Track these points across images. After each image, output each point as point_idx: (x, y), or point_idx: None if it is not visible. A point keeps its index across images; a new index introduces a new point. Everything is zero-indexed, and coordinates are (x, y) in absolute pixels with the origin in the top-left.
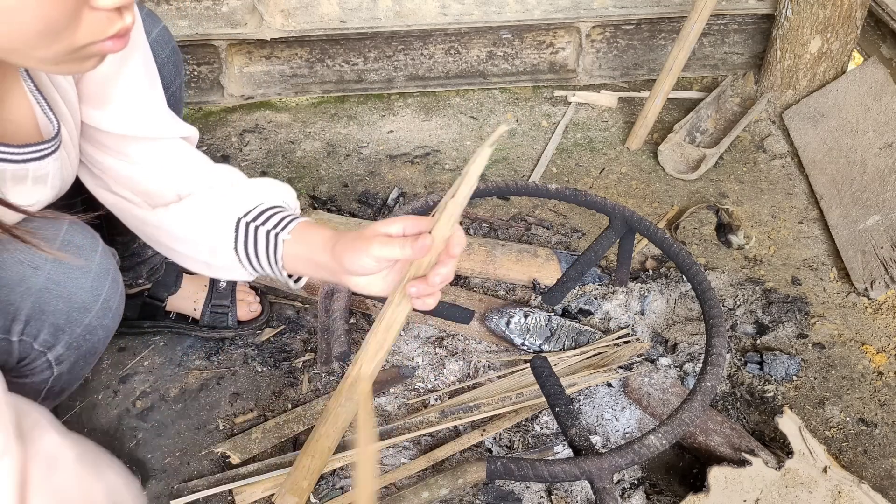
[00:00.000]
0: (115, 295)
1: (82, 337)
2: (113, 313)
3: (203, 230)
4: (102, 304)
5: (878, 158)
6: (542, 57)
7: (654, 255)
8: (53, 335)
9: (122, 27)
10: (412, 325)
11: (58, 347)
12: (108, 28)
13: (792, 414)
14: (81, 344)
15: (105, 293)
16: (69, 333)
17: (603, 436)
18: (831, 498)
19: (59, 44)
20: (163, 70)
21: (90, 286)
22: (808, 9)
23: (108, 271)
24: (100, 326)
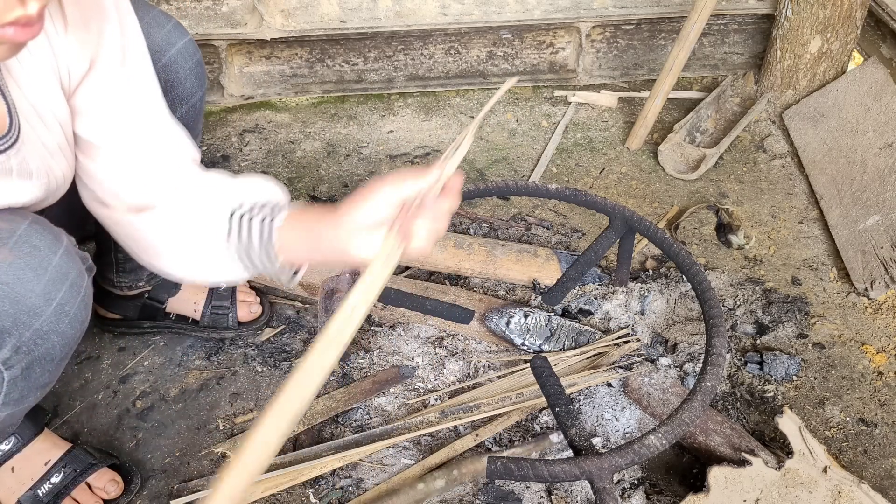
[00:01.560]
0: (74, 300)
1: (32, 342)
2: (70, 319)
3: (194, 226)
4: (56, 308)
5: (878, 158)
6: (542, 57)
7: (654, 255)
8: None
9: (23, 16)
10: (412, 325)
11: (4, 350)
12: (5, 13)
13: (792, 414)
14: (32, 349)
15: (60, 298)
16: (16, 337)
17: (603, 436)
18: (831, 498)
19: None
20: (184, 83)
21: (42, 289)
22: (808, 9)
23: (68, 276)
24: (53, 332)
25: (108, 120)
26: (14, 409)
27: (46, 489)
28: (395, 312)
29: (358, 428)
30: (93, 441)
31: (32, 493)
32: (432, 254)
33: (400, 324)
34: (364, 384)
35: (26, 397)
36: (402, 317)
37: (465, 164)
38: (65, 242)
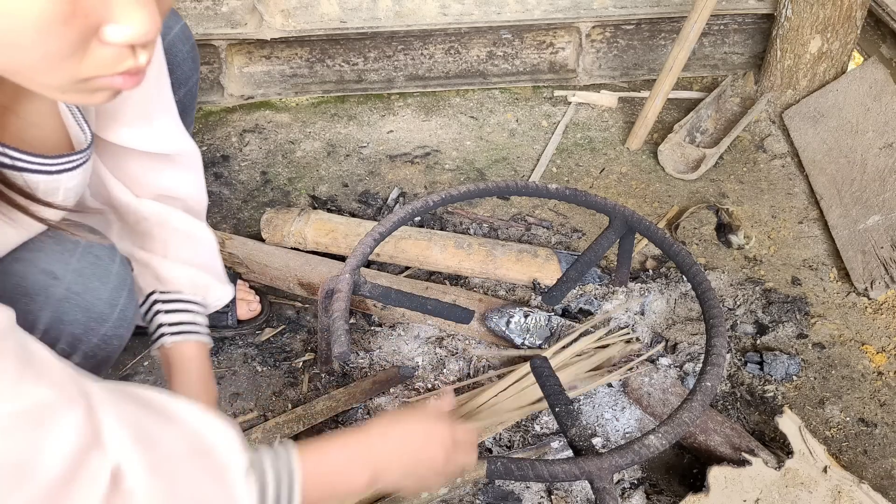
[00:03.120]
0: (132, 305)
1: (98, 346)
2: (129, 323)
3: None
4: (119, 314)
5: (878, 158)
6: (542, 57)
7: (654, 255)
8: (71, 345)
9: (135, 66)
10: (412, 325)
11: (75, 357)
12: (117, 64)
13: (792, 414)
14: (97, 353)
15: (122, 303)
16: (86, 343)
17: (603, 436)
18: (831, 498)
19: (62, 72)
20: (182, 66)
21: (108, 296)
22: (808, 9)
23: (126, 282)
24: (115, 336)
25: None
26: None
27: None
28: (395, 312)
29: None
30: None
31: None
32: (432, 254)
33: (400, 324)
34: (364, 384)
35: None
36: (402, 317)
37: (465, 163)
38: (117, 249)
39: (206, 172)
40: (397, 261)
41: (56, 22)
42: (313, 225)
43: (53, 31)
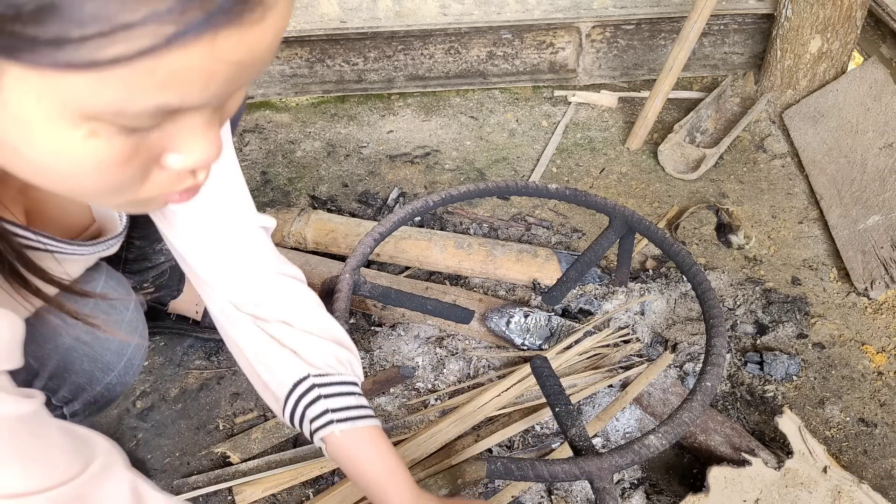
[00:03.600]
0: (140, 353)
1: (101, 394)
2: (134, 370)
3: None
4: (126, 363)
5: (878, 158)
6: (542, 57)
7: (654, 255)
8: (73, 392)
9: (193, 185)
10: (412, 325)
11: (75, 404)
12: (176, 185)
13: (792, 414)
14: (99, 400)
15: (130, 353)
16: (89, 392)
17: (603, 436)
18: (831, 498)
19: (121, 198)
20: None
21: (117, 346)
22: (808, 9)
23: (137, 329)
24: (119, 384)
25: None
26: None
27: None
28: (395, 312)
29: None
30: None
31: None
32: (432, 254)
33: (400, 324)
34: (364, 384)
35: None
36: (402, 317)
37: (465, 163)
38: (133, 296)
39: None
40: (397, 261)
41: (117, 163)
42: (313, 225)
43: (114, 170)
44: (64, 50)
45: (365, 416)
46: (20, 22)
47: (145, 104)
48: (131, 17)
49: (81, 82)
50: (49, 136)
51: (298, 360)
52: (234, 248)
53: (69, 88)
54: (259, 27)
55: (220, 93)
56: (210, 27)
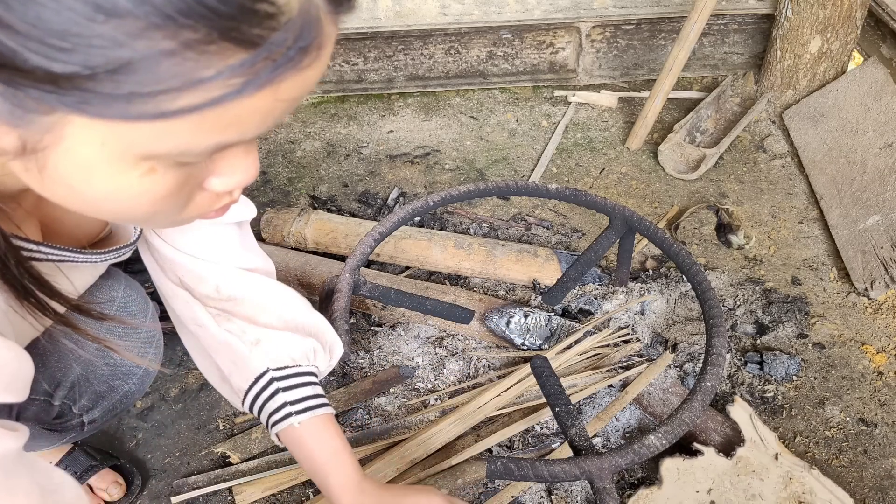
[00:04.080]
0: (157, 360)
1: (119, 402)
2: (150, 377)
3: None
4: (144, 371)
5: (878, 158)
6: (542, 57)
7: (654, 255)
8: (93, 401)
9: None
10: (412, 325)
11: (94, 411)
12: (215, 204)
13: (742, 402)
14: (117, 407)
15: (148, 361)
16: (108, 399)
17: (603, 436)
18: (783, 484)
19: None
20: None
21: (135, 354)
22: (808, 9)
23: (154, 338)
24: (137, 391)
25: None
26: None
27: None
28: (395, 312)
29: (358, 428)
30: (93, 441)
31: None
32: (432, 254)
33: (400, 324)
34: (364, 384)
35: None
36: (402, 317)
37: (465, 163)
38: (151, 305)
39: None
40: (397, 261)
41: (170, 195)
42: (313, 225)
43: (166, 201)
44: (135, 104)
45: (320, 406)
46: (93, 80)
47: (207, 144)
48: (205, 73)
49: (148, 129)
50: (109, 178)
51: (259, 354)
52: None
53: (135, 135)
54: (315, 67)
55: (273, 125)
56: (276, 75)
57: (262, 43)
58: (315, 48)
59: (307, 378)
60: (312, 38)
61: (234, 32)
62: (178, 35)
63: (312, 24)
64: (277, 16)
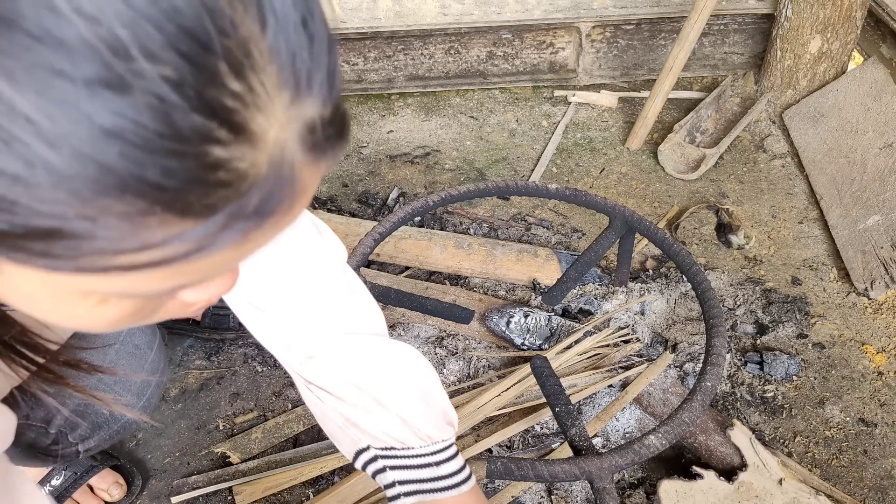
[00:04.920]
0: (158, 392)
1: (117, 432)
2: (152, 407)
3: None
4: (144, 402)
5: (878, 158)
6: (542, 57)
7: (654, 255)
8: (91, 430)
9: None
10: (412, 325)
11: (91, 441)
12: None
13: (742, 426)
14: (114, 436)
15: (149, 392)
16: (106, 430)
17: (603, 436)
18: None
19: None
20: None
21: (138, 387)
22: (808, 9)
23: (158, 368)
24: (135, 422)
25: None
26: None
27: (46, 492)
28: (395, 312)
29: None
30: None
31: None
32: (432, 254)
33: (400, 324)
34: None
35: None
36: (402, 317)
37: (465, 163)
38: (158, 334)
39: None
40: (397, 261)
41: (128, 317)
42: None
43: (124, 322)
44: (69, 262)
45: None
46: (23, 239)
47: (162, 288)
48: (150, 240)
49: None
50: (57, 307)
51: (358, 431)
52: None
53: (77, 281)
54: (289, 215)
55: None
56: (237, 236)
57: (218, 212)
58: (287, 205)
59: (420, 460)
60: (283, 197)
61: (179, 204)
62: (111, 208)
63: (285, 182)
64: (238, 182)
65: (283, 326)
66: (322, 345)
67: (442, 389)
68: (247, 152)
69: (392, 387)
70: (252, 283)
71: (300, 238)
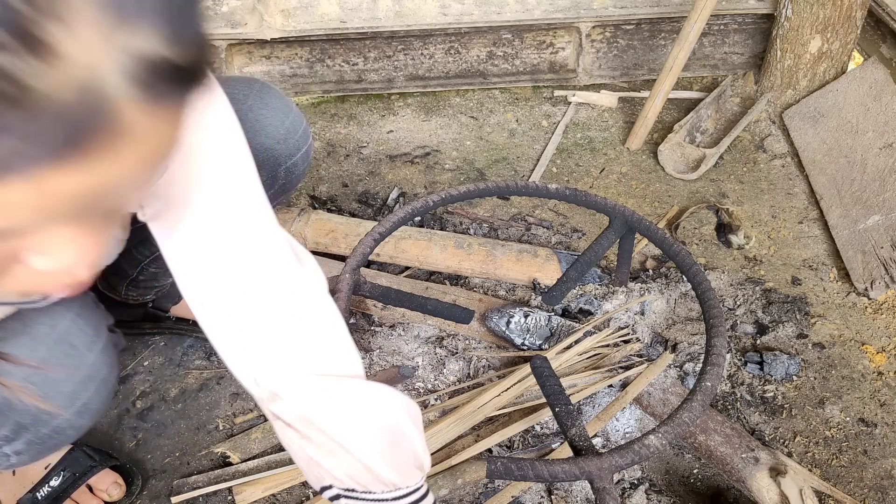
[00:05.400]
0: (99, 398)
1: (48, 436)
2: (92, 414)
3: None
4: (80, 408)
5: (878, 158)
6: (542, 57)
7: (654, 255)
8: (15, 432)
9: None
10: (412, 325)
11: (17, 443)
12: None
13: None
14: (46, 441)
15: (86, 397)
16: (33, 433)
17: (603, 436)
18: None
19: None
20: (299, 179)
21: (70, 390)
22: (808, 9)
23: (99, 373)
24: (71, 427)
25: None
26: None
27: (45, 492)
28: (395, 312)
29: None
30: (93, 441)
31: (31, 496)
32: (432, 254)
33: (400, 324)
34: None
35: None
36: (402, 317)
37: (465, 163)
38: (104, 337)
39: None
40: (397, 261)
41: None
42: (313, 225)
43: None
44: None
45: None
46: None
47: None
48: None
49: None
50: None
51: (321, 471)
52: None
53: None
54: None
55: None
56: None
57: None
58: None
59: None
60: (97, 134)
61: None
62: None
63: (100, 116)
64: (26, 100)
65: (251, 359)
66: (289, 384)
67: (417, 431)
68: (41, 68)
69: (356, 432)
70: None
71: (276, 266)
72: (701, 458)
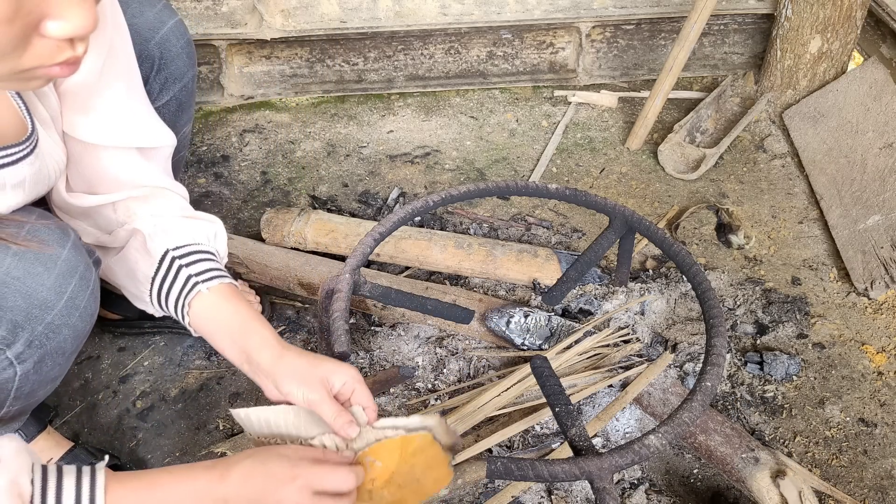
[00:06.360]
0: (84, 293)
1: (44, 335)
2: (81, 312)
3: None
4: (67, 301)
5: (878, 158)
6: (542, 57)
7: (654, 255)
8: (12, 332)
9: (72, 56)
10: (412, 325)
11: (17, 345)
12: (56, 55)
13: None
14: (44, 343)
15: (70, 291)
16: (29, 331)
17: (603, 436)
18: None
19: (3, 65)
20: (177, 60)
21: (53, 283)
22: (808, 9)
23: (77, 269)
24: (65, 325)
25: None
26: (24, 403)
27: None
28: (395, 312)
29: None
30: (93, 441)
31: None
32: (432, 254)
33: (400, 324)
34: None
35: (37, 391)
36: (402, 317)
37: (466, 164)
38: (72, 236)
39: (205, 172)
40: (397, 261)
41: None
42: (313, 225)
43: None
44: None
45: (225, 277)
46: None
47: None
48: None
49: None
50: None
51: (158, 239)
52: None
53: None
54: None
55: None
56: None
57: None
58: None
59: (208, 255)
60: None
61: None
62: None
63: None
64: None
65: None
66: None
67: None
68: None
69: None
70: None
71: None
72: (701, 458)
